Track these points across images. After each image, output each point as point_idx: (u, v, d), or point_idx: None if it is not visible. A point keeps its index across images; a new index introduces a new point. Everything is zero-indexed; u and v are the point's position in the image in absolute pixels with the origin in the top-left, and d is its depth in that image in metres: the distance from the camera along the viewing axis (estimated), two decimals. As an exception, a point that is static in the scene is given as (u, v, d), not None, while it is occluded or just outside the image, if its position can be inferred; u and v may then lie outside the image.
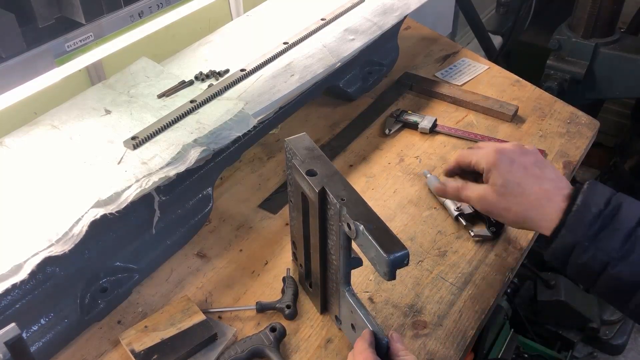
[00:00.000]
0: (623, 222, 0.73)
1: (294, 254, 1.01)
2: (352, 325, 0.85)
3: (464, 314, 0.94)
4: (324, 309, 0.94)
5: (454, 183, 0.93)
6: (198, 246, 1.07)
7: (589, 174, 2.65)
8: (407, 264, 0.70)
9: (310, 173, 0.80)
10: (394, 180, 1.20)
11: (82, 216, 0.83)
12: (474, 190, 0.89)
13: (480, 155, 0.89)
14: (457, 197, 0.93)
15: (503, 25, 2.66)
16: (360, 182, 1.19)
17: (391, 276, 0.70)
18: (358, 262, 0.84)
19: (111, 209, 0.85)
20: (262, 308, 0.94)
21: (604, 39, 1.82)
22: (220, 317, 0.95)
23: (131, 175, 0.89)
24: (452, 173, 0.98)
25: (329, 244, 0.83)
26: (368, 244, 0.71)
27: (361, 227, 0.71)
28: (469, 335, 0.92)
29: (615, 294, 0.75)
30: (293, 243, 0.99)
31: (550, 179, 0.84)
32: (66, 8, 0.72)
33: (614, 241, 0.72)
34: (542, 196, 0.82)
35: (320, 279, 0.89)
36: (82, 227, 0.82)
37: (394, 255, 0.68)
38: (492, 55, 2.29)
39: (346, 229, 0.75)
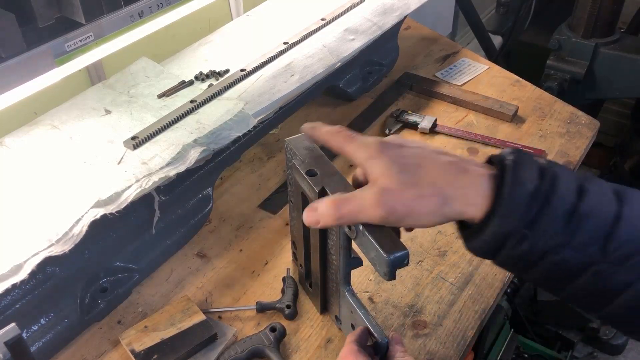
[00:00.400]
0: (563, 198, 0.59)
1: (294, 254, 1.01)
2: (352, 325, 0.85)
3: (464, 314, 0.94)
4: (324, 309, 0.94)
5: (327, 198, 0.66)
6: (198, 246, 1.07)
7: (589, 174, 2.64)
8: (407, 264, 0.70)
9: (310, 173, 0.80)
10: (394, 180, 1.19)
11: (82, 216, 0.83)
12: (364, 194, 0.63)
13: (356, 146, 0.66)
14: (337, 215, 0.65)
15: (503, 25, 2.66)
16: (360, 182, 1.19)
17: (391, 276, 0.70)
18: (358, 262, 0.84)
19: (111, 209, 0.85)
20: (262, 308, 0.94)
21: (604, 39, 1.82)
22: (220, 317, 0.95)
23: (131, 175, 0.89)
24: None
25: (329, 244, 0.83)
26: (368, 244, 0.71)
27: (361, 227, 0.71)
28: (469, 335, 0.92)
29: (554, 280, 0.62)
30: (293, 243, 0.99)
31: (454, 155, 0.65)
32: (66, 8, 0.72)
33: (556, 224, 0.58)
34: (456, 170, 0.62)
35: (320, 279, 0.89)
36: (82, 227, 0.82)
37: (394, 255, 0.68)
38: (492, 55, 2.29)
39: (346, 229, 0.75)
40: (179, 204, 1.04)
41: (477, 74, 1.50)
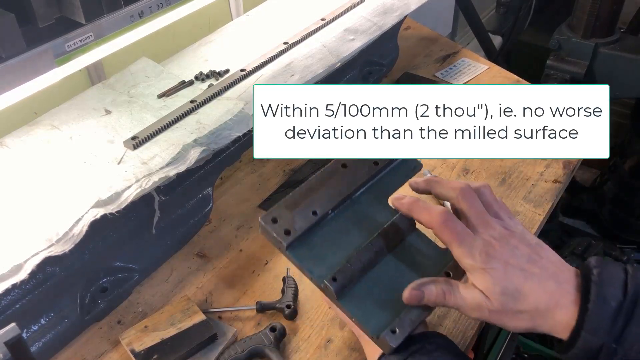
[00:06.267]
0: None
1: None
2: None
3: (464, 314, 0.94)
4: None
5: (436, 286, 0.70)
6: (198, 246, 1.07)
7: (589, 173, 2.64)
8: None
9: None
10: (394, 180, 1.19)
11: (82, 216, 0.83)
12: (465, 295, 0.69)
13: (463, 252, 0.69)
14: (441, 303, 0.71)
15: (503, 25, 2.66)
16: (360, 182, 1.19)
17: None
18: None
19: (111, 209, 0.85)
20: (262, 308, 0.94)
21: (604, 39, 1.82)
22: (220, 317, 0.95)
23: (131, 175, 0.89)
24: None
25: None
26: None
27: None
28: (468, 335, 0.91)
29: None
30: None
31: (548, 266, 0.69)
32: (66, 8, 0.72)
33: None
34: (549, 300, 0.66)
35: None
36: (82, 227, 0.82)
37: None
38: (492, 55, 2.29)
39: None
40: (179, 204, 1.04)
41: (477, 74, 1.50)
